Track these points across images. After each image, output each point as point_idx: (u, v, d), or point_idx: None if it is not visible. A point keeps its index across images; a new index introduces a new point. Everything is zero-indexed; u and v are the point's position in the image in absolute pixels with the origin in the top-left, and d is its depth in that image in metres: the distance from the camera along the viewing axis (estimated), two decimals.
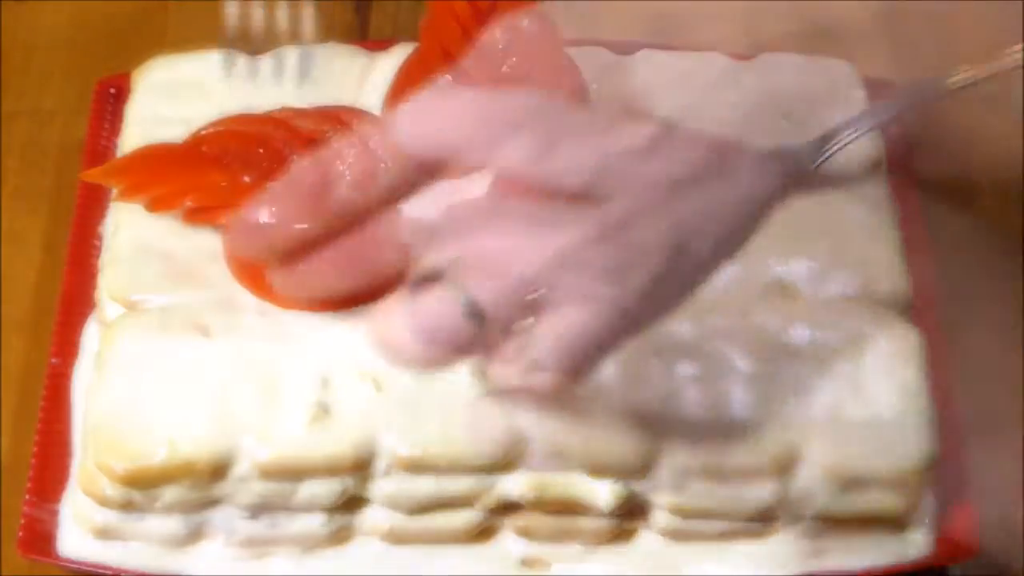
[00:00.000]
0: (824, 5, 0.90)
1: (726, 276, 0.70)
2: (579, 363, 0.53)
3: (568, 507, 0.66)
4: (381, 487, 0.66)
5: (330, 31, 0.89)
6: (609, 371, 0.65)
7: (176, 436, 0.64)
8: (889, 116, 0.66)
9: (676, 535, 0.68)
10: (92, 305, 0.72)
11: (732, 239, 0.55)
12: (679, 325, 0.67)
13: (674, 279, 0.53)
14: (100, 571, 0.67)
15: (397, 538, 0.68)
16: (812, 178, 0.62)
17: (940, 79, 0.64)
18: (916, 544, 0.68)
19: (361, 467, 0.65)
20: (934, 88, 0.64)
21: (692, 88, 0.76)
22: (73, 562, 0.68)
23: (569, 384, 0.53)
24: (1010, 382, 0.76)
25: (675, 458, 0.64)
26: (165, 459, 0.64)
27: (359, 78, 0.75)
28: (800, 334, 0.67)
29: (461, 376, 0.62)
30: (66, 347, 0.72)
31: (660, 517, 0.67)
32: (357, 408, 0.65)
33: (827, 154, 0.63)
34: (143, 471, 0.64)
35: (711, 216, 0.53)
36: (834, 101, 0.73)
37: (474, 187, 0.72)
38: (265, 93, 0.74)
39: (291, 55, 0.77)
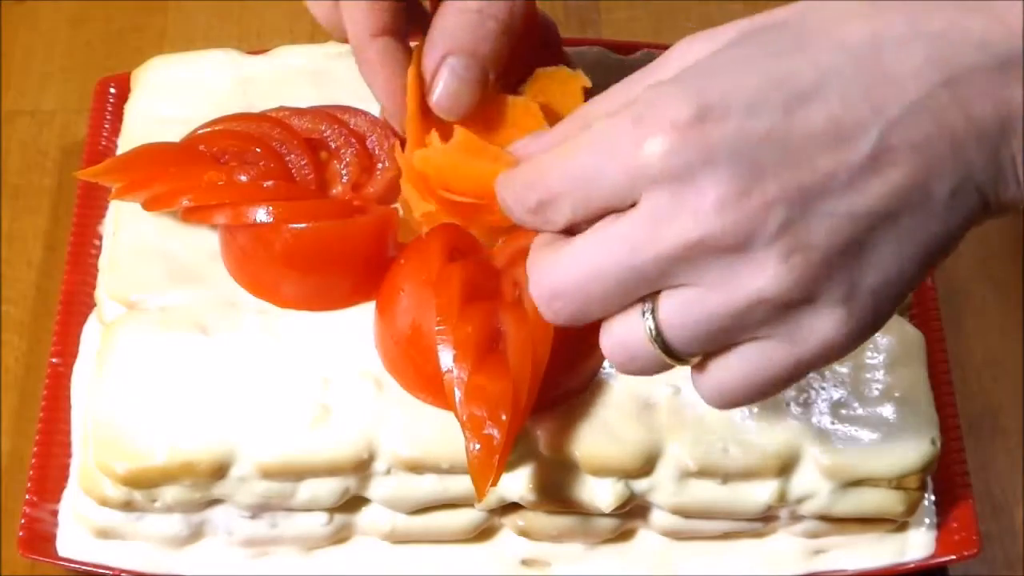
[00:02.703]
0: None
1: None
2: (737, 403, 0.52)
3: (568, 507, 0.66)
4: (381, 487, 0.66)
5: None
6: (610, 370, 0.65)
7: (176, 436, 0.64)
8: None
9: (676, 535, 0.68)
10: (92, 305, 0.72)
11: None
12: None
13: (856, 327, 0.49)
14: (100, 571, 0.67)
15: (397, 538, 0.68)
16: None
17: None
18: (916, 544, 0.68)
19: (361, 467, 0.65)
20: None
21: None
22: (73, 562, 0.68)
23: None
24: (1010, 382, 0.76)
25: (675, 458, 0.64)
26: (165, 459, 0.64)
27: (358, 78, 0.75)
28: None
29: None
30: (66, 347, 0.72)
31: (660, 517, 0.67)
32: (357, 408, 0.65)
33: None
34: (143, 471, 0.64)
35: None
36: None
37: None
38: (264, 92, 0.74)
39: (290, 54, 0.77)
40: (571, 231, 0.51)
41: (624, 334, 0.50)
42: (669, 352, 0.49)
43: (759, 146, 0.47)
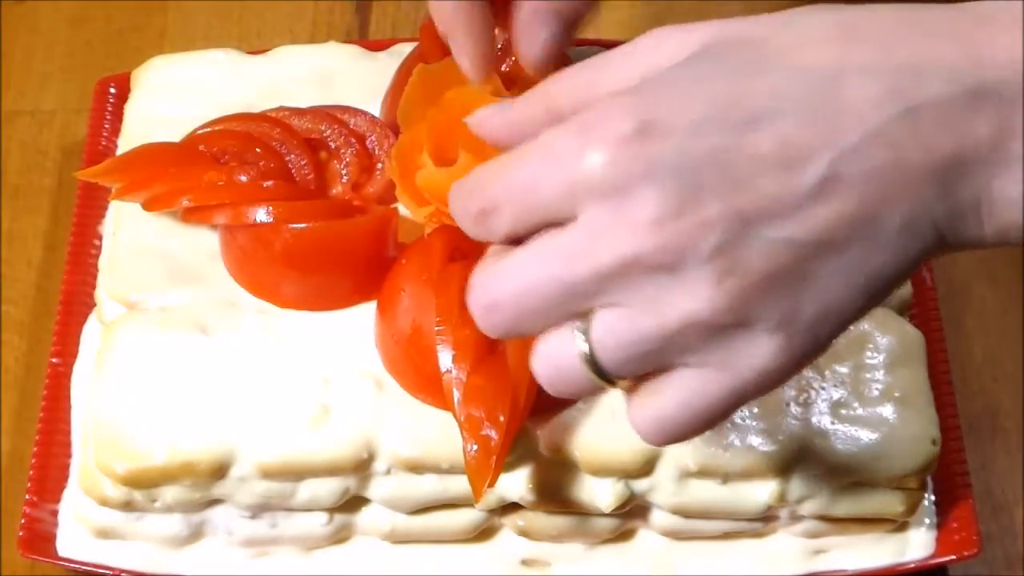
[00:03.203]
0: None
1: None
2: (673, 435, 0.49)
3: (568, 507, 0.66)
4: (381, 487, 0.66)
5: (330, 31, 0.89)
6: None
7: (176, 436, 0.64)
8: None
9: (676, 535, 0.68)
10: (92, 305, 0.72)
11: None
12: None
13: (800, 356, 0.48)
14: (100, 571, 0.67)
15: (397, 538, 0.68)
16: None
17: None
18: (916, 544, 0.69)
19: (361, 467, 0.65)
20: None
21: None
22: (73, 562, 0.68)
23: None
24: (1010, 382, 0.76)
25: (675, 458, 0.64)
26: (165, 459, 0.64)
27: (359, 78, 0.75)
28: None
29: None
30: (66, 347, 0.72)
31: (660, 517, 0.67)
32: (357, 408, 0.65)
33: None
34: (143, 471, 0.64)
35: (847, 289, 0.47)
36: None
37: None
38: (264, 92, 0.74)
39: (290, 54, 0.77)
40: (516, 243, 0.49)
41: (554, 351, 0.49)
42: (600, 373, 0.48)
43: (701, 165, 0.46)
